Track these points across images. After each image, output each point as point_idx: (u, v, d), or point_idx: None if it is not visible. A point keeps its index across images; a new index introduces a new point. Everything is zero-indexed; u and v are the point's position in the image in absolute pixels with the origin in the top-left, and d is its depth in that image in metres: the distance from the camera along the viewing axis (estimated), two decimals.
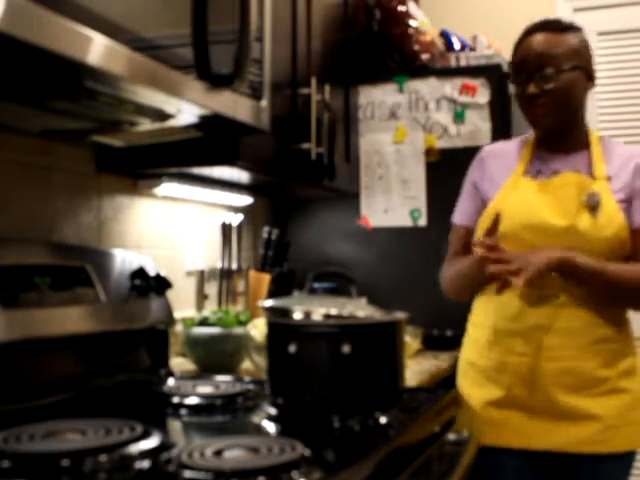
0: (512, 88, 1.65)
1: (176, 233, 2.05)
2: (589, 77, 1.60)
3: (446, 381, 1.87)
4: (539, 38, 1.57)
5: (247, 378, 1.54)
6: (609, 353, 1.57)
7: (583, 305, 1.55)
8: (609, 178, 1.58)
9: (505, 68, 2.32)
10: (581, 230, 1.53)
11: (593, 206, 1.54)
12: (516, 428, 1.59)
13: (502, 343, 1.60)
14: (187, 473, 0.85)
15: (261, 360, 1.66)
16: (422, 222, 2.41)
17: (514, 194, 1.61)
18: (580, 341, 1.55)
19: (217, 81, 1.24)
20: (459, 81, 2.40)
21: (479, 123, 2.35)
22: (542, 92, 1.55)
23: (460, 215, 1.76)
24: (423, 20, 2.56)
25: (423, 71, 2.45)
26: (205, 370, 1.72)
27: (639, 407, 1.60)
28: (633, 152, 1.63)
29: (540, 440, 1.58)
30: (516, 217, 1.57)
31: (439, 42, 2.57)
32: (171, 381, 1.50)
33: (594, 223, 1.53)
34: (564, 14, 3.14)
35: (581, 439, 1.56)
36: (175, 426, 1.24)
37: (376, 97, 2.48)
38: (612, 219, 1.54)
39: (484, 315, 1.67)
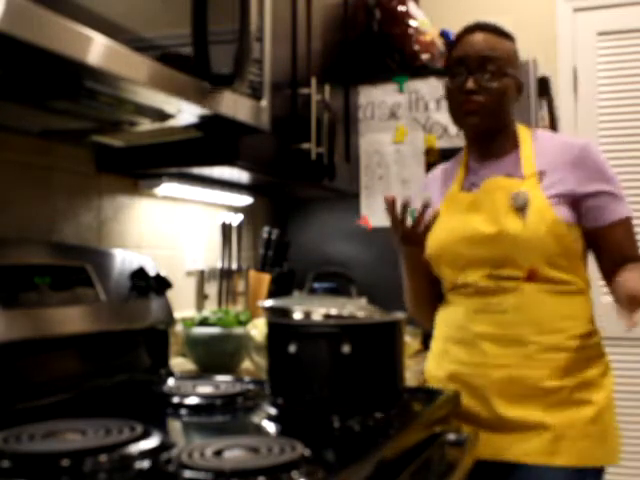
0: (447, 83, 1.59)
1: (176, 233, 2.05)
2: (518, 88, 1.58)
3: None
4: (480, 37, 1.56)
5: (247, 378, 1.54)
6: (562, 363, 1.48)
7: (532, 313, 1.48)
8: (540, 173, 1.51)
9: None
10: (512, 234, 1.46)
11: (521, 207, 1.47)
12: None
13: (451, 353, 1.58)
14: (187, 473, 0.85)
15: (261, 360, 1.66)
16: None
17: (449, 211, 1.59)
18: (526, 350, 1.48)
19: (217, 81, 1.24)
20: None
21: None
22: (480, 88, 1.52)
23: None
24: (423, 20, 2.56)
25: (423, 71, 2.45)
26: (205, 370, 1.72)
27: (602, 421, 1.49)
28: (566, 144, 1.56)
29: (483, 450, 1.48)
30: (452, 233, 1.54)
31: (439, 42, 2.56)
32: (171, 381, 1.50)
33: (524, 224, 1.46)
34: (564, 14, 3.15)
35: (528, 450, 1.47)
36: (175, 426, 1.24)
37: (376, 97, 2.48)
38: (543, 216, 1.47)
39: (437, 327, 1.66)
